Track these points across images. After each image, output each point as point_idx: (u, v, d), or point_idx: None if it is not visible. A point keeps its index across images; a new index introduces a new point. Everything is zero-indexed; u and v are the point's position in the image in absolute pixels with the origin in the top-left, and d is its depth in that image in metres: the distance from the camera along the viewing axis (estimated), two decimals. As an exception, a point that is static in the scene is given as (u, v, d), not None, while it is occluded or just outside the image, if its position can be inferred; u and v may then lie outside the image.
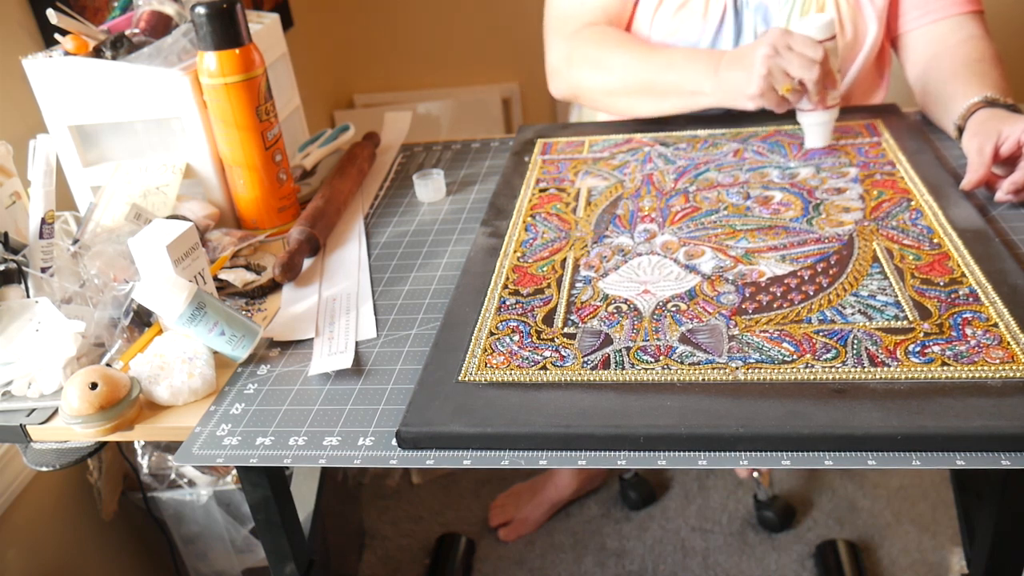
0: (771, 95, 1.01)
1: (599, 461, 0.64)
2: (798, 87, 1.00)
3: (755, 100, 1.02)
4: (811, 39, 0.98)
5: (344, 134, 1.22)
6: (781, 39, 0.98)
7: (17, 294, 0.84)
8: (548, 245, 0.91)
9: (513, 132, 1.65)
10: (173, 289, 0.75)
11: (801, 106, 1.03)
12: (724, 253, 0.86)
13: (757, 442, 0.62)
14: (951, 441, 0.60)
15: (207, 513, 1.30)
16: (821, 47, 0.98)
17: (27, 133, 0.97)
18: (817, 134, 1.05)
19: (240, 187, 1.02)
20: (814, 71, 0.97)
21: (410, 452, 0.67)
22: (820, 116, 1.03)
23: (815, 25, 0.99)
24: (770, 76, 0.99)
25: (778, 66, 0.98)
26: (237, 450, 0.69)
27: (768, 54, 0.98)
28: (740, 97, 1.04)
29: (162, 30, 1.04)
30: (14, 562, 1.16)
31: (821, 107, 1.02)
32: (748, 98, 1.02)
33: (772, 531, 1.59)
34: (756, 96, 1.01)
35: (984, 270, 0.77)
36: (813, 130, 1.05)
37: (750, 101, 1.03)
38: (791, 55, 0.98)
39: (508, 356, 0.74)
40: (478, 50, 2.36)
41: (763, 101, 1.02)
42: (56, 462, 0.79)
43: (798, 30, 0.99)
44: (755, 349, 0.71)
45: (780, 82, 0.99)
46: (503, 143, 1.25)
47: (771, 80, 0.99)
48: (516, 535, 1.63)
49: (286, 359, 0.81)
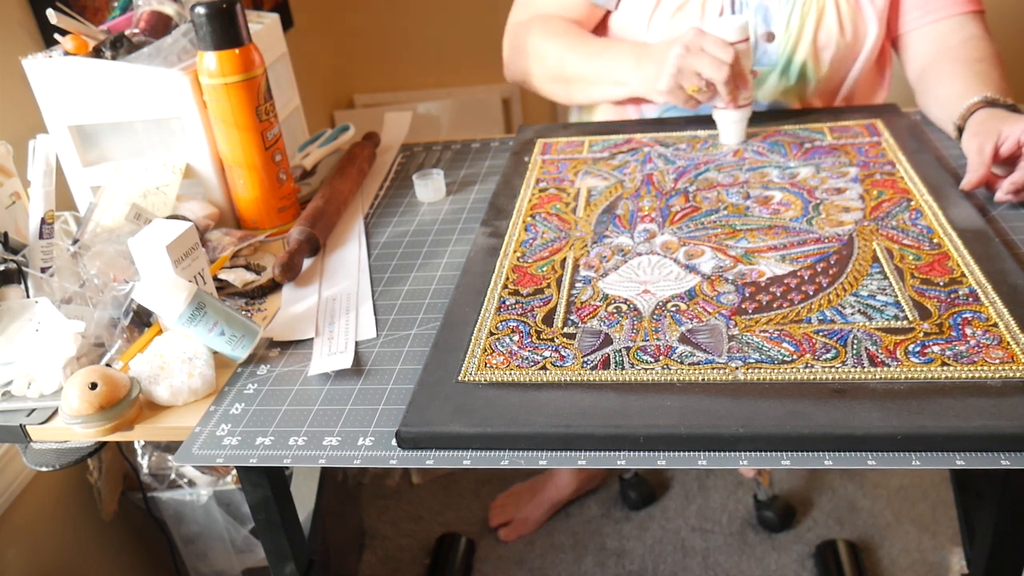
0: (679, 93, 1.04)
1: (599, 461, 0.64)
2: (706, 87, 1.02)
3: (664, 96, 1.06)
4: (723, 41, 1.00)
5: (344, 134, 1.22)
6: (694, 39, 1.01)
7: (17, 294, 0.84)
8: (548, 245, 0.91)
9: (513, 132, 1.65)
10: (173, 289, 0.75)
11: (715, 103, 1.07)
12: (724, 253, 0.86)
13: (757, 442, 0.62)
14: (951, 441, 0.60)
15: (207, 513, 1.30)
16: (732, 49, 1.00)
17: (27, 133, 0.97)
18: (730, 131, 1.09)
19: (240, 187, 1.02)
20: (722, 72, 1.00)
21: (410, 452, 0.67)
22: (732, 115, 1.07)
23: (730, 27, 1.01)
24: (679, 74, 1.02)
25: (688, 65, 1.01)
26: (237, 450, 0.69)
27: (680, 53, 1.01)
28: (652, 91, 1.08)
29: (162, 30, 1.04)
30: (14, 562, 1.16)
31: (732, 106, 1.05)
32: (658, 93, 1.06)
33: (772, 531, 1.59)
34: (664, 92, 1.05)
35: (984, 270, 0.77)
36: (726, 127, 1.09)
37: (660, 96, 1.07)
38: (702, 56, 1.00)
39: (508, 356, 0.74)
40: (478, 50, 2.36)
41: (671, 98, 1.05)
42: (56, 462, 0.79)
43: (713, 31, 1.01)
44: (755, 349, 0.71)
45: (688, 81, 1.02)
46: (503, 143, 1.25)
47: (680, 78, 1.02)
48: (516, 535, 1.63)
49: (286, 359, 0.81)
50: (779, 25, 1.12)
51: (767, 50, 1.13)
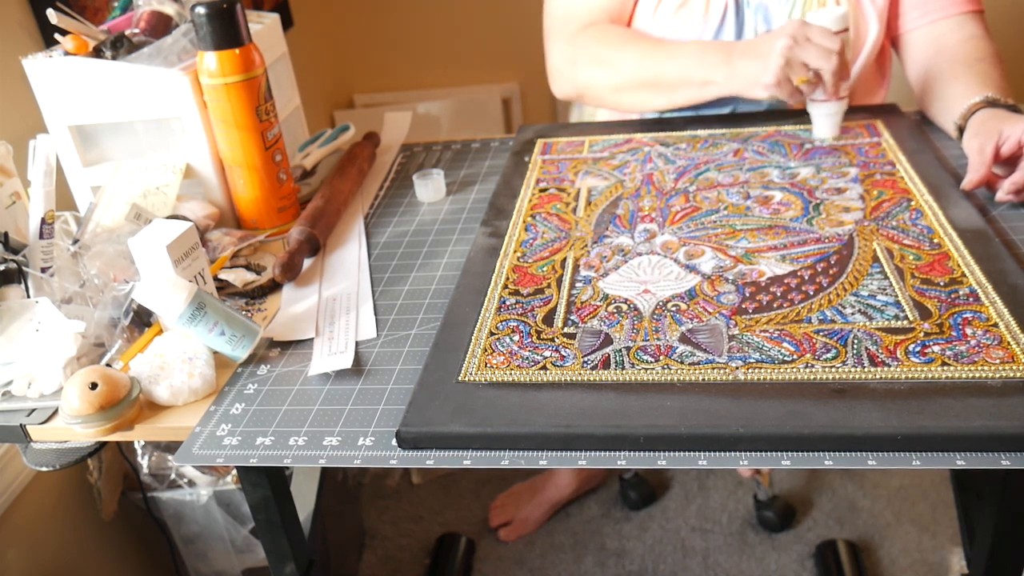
0: (786, 85, 1.01)
1: (599, 461, 0.64)
2: (813, 78, 1.01)
3: (770, 89, 1.03)
4: (829, 31, 0.99)
5: (344, 134, 1.22)
6: (800, 30, 0.99)
7: (17, 294, 0.84)
8: (548, 245, 0.91)
9: (513, 132, 1.65)
10: (173, 289, 0.75)
11: (813, 96, 1.05)
12: (724, 253, 0.86)
13: (757, 442, 0.62)
14: (951, 441, 0.60)
15: (207, 513, 1.30)
16: (839, 38, 0.99)
17: (27, 133, 0.97)
18: (827, 125, 1.07)
19: (240, 187, 1.02)
20: (832, 61, 0.98)
21: (410, 452, 0.67)
22: (832, 107, 1.05)
23: (831, 17, 1.00)
24: (787, 66, 1.00)
25: (796, 56, 0.99)
26: (237, 450, 0.69)
27: (788, 44, 0.99)
28: (755, 86, 1.04)
29: (162, 30, 1.04)
30: (14, 562, 1.16)
31: (834, 98, 1.04)
32: (763, 87, 1.03)
33: (772, 531, 1.59)
34: (771, 85, 1.02)
35: (984, 270, 0.77)
36: (824, 120, 1.07)
37: (765, 91, 1.03)
38: (810, 46, 0.99)
39: (508, 356, 0.74)
40: (478, 50, 2.36)
41: (777, 91, 1.02)
42: (56, 462, 0.79)
43: (814, 22, 1.00)
44: (755, 349, 0.71)
45: (797, 72, 1.00)
46: (503, 143, 1.25)
47: (788, 70, 1.00)
48: (516, 535, 1.63)
49: (286, 359, 0.81)
50: (779, 24, 1.12)
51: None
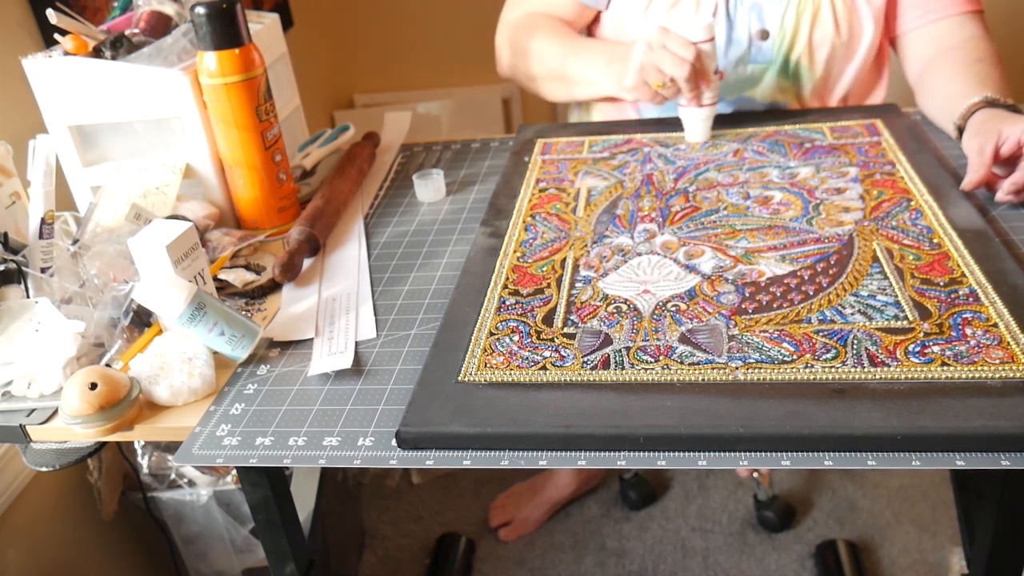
0: (644, 89, 1.06)
1: (599, 461, 0.64)
2: (670, 83, 1.03)
3: (631, 92, 1.07)
4: (685, 39, 1.02)
5: (344, 134, 1.22)
6: (657, 37, 1.02)
7: (17, 294, 0.84)
8: (548, 245, 0.91)
9: (513, 132, 1.65)
10: (173, 289, 0.75)
11: (680, 101, 1.08)
12: (724, 253, 0.86)
13: (757, 442, 0.62)
14: (951, 441, 0.60)
15: (207, 513, 1.30)
16: (693, 47, 1.01)
17: (27, 133, 0.97)
18: (694, 129, 1.10)
19: (240, 187, 1.02)
20: (684, 69, 1.01)
21: (410, 452, 0.67)
22: (696, 112, 1.08)
23: (696, 26, 1.02)
24: (643, 71, 1.04)
25: (651, 62, 1.03)
26: (237, 450, 0.69)
27: (643, 50, 1.03)
28: (620, 89, 1.09)
29: (162, 30, 1.04)
30: (14, 562, 1.16)
31: (695, 104, 1.07)
32: (626, 90, 1.08)
33: (772, 531, 1.59)
34: (631, 88, 1.06)
35: (984, 270, 0.77)
36: (690, 124, 1.10)
37: (628, 93, 1.09)
38: (664, 52, 1.02)
39: (508, 356, 0.74)
40: (478, 50, 2.36)
41: (637, 94, 1.07)
42: (56, 462, 0.79)
43: (679, 30, 1.03)
44: (755, 349, 0.71)
45: (652, 77, 1.03)
46: (503, 143, 1.25)
47: (644, 75, 1.04)
48: (516, 535, 1.63)
49: (286, 359, 0.81)
50: (773, 23, 1.12)
51: (761, 48, 1.13)
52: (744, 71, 1.16)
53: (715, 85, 1.06)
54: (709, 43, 1.03)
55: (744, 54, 1.14)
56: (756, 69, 1.15)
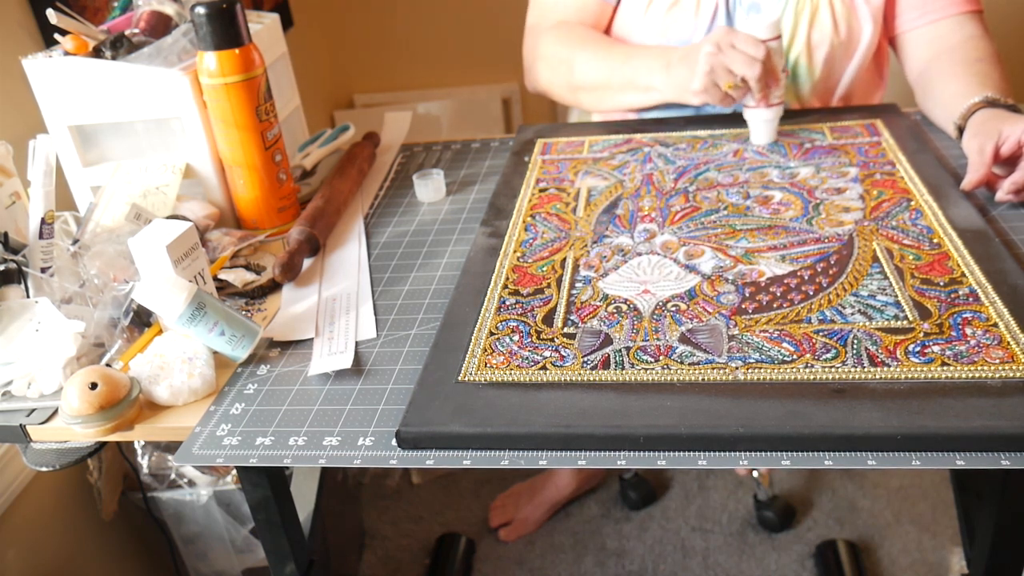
0: (714, 91, 1.03)
1: (599, 461, 0.64)
2: (740, 84, 1.02)
3: (699, 96, 1.05)
4: (754, 38, 1.00)
5: (344, 134, 1.22)
6: (725, 37, 1.01)
7: (17, 294, 0.84)
8: (548, 245, 0.91)
9: (513, 132, 1.65)
10: (173, 289, 0.75)
11: (746, 103, 1.06)
12: (724, 253, 0.86)
13: (757, 442, 0.62)
14: (951, 441, 0.60)
15: (207, 513, 1.30)
16: (763, 46, 1.00)
17: (27, 133, 0.97)
18: (761, 131, 1.08)
19: (240, 187, 1.02)
20: (755, 69, 1.00)
21: (410, 452, 0.67)
22: (763, 113, 1.06)
23: (760, 24, 1.01)
24: (713, 73, 1.02)
25: (721, 63, 1.01)
26: (237, 450, 0.69)
27: (711, 51, 1.01)
28: (686, 93, 1.07)
29: (162, 30, 1.04)
30: (14, 562, 1.16)
31: (764, 104, 1.05)
32: (693, 94, 1.05)
33: (772, 531, 1.59)
34: (699, 92, 1.04)
35: (984, 270, 0.77)
36: (757, 127, 1.08)
37: (695, 97, 1.06)
38: (734, 53, 1.00)
39: (508, 356, 0.74)
40: (478, 50, 2.36)
41: (707, 97, 1.04)
42: (56, 462, 0.79)
43: (744, 29, 1.02)
44: (755, 349, 0.71)
45: (722, 79, 1.02)
46: (503, 143, 1.25)
47: (714, 77, 1.02)
48: (516, 535, 1.63)
49: (286, 359, 0.81)
50: None
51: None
52: None
53: (782, 84, 1.04)
54: (776, 41, 1.02)
55: None
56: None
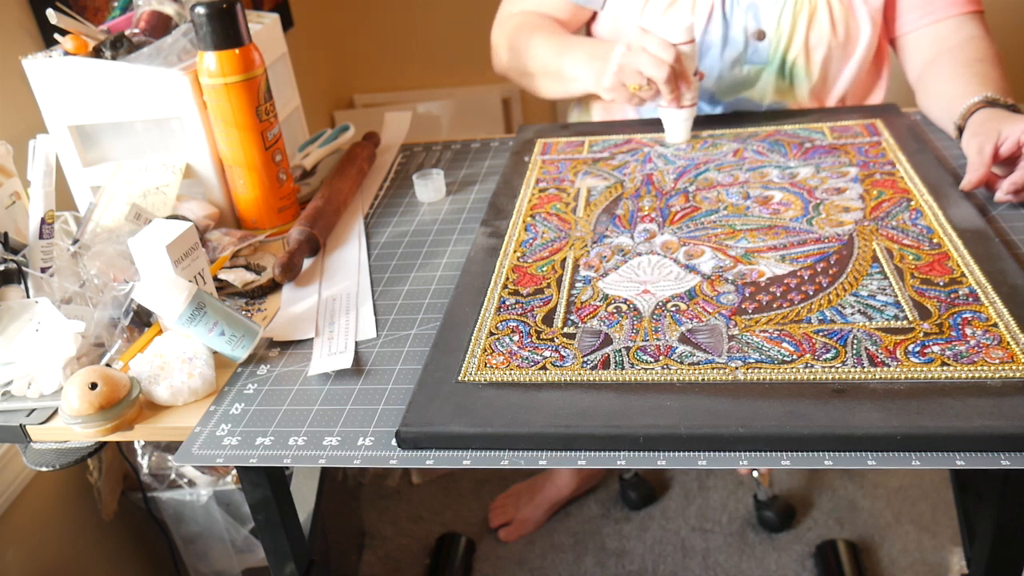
0: (621, 90, 1.06)
1: (599, 461, 0.64)
2: (648, 85, 1.03)
3: (608, 93, 1.07)
4: (664, 40, 1.01)
5: (344, 134, 1.22)
6: (637, 39, 1.02)
7: (17, 294, 0.84)
8: (548, 245, 0.91)
9: (513, 132, 1.65)
10: (173, 289, 0.75)
11: (660, 102, 1.08)
12: (724, 253, 0.86)
13: (757, 442, 0.62)
14: (951, 441, 0.60)
15: (207, 513, 1.30)
16: (673, 49, 1.01)
17: (27, 133, 0.97)
18: (675, 129, 1.10)
19: (240, 187, 1.02)
20: (662, 71, 1.01)
21: (410, 452, 0.67)
22: (676, 113, 1.08)
23: (676, 27, 1.02)
24: (621, 72, 1.04)
25: (629, 64, 1.03)
26: (237, 450, 0.69)
27: (622, 51, 1.03)
28: (598, 88, 1.09)
29: (162, 30, 1.04)
30: (14, 562, 1.16)
31: (675, 105, 1.06)
32: (604, 90, 1.08)
33: (772, 531, 1.59)
34: (608, 89, 1.07)
35: (984, 270, 0.77)
36: (670, 125, 1.10)
37: (606, 93, 1.08)
38: (643, 54, 1.01)
39: (508, 356, 0.74)
40: (478, 50, 2.35)
41: (615, 95, 1.07)
42: (56, 462, 0.79)
43: (658, 31, 1.02)
44: (755, 349, 0.71)
45: (630, 79, 1.03)
46: (503, 143, 1.25)
47: (622, 76, 1.04)
48: (517, 535, 1.63)
49: (286, 359, 0.81)
50: (769, 23, 1.12)
51: (757, 48, 1.13)
52: (740, 72, 1.16)
53: (695, 86, 1.06)
54: (689, 44, 1.03)
55: (740, 55, 1.14)
56: (752, 70, 1.15)
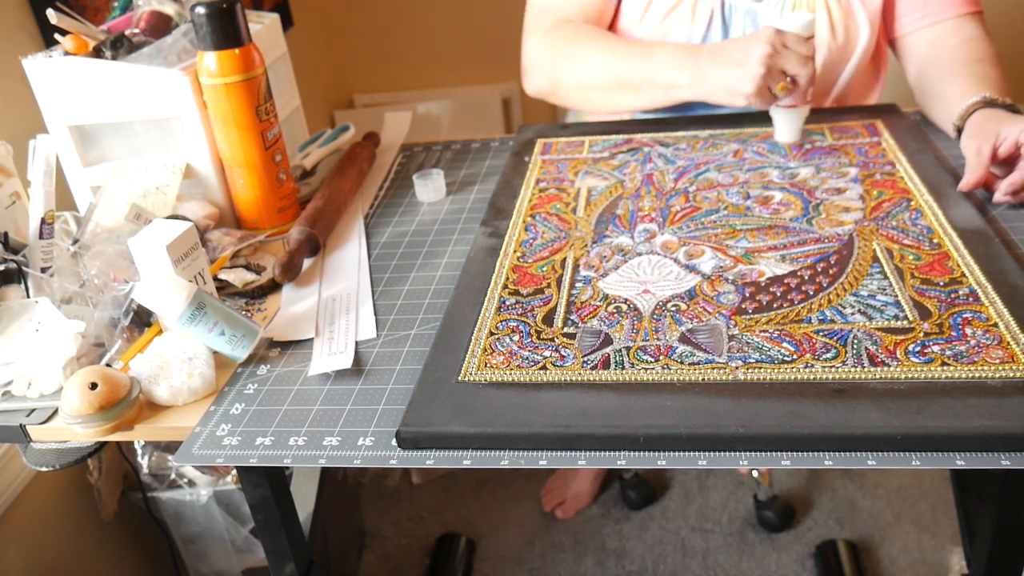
0: (766, 94, 1.00)
1: (599, 461, 0.64)
2: (790, 85, 1.00)
3: (749, 99, 1.01)
4: (802, 36, 0.99)
5: (344, 134, 1.22)
6: (777, 38, 0.99)
7: (17, 294, 0.84)
8: (548, 245, 0.91)
9: (513, 132, 1.65)
10: (173, 289, 0.75)
11: (781, 101, 1.04)
12: (724, 253, 0.86)
13: (757, 442, 0.62)
14: (951, 441, 0.60)
15: (207, 513, 1.30)
16: (812, 44, 0.99)
17: (27, 133, 0.97)
18: (793, 129, 1.07)
19: (240, 187, 1.02)
20: (809, 68, 0.98)
21: (410, 452, 0.67)
22: (800, 111, 1.05)
23: (799, 23, 1.00)
24: (768, 75, 0.99)
25: (776, 65, 0.98)
26: (237, 450, 0.69)
27: (768, 52, 0.98)
28: (733, 95, 1.03)
29: (162, 30, 1.04)
30: (14, 562, 1.16)
31: (802, 103, 1.04)
32: (743, 96, 1.01)
33: (772, 531, 1.59)
34: (751, 95, 1.00)
35: (984, 270, 0.77)
36: (790, 125, 1.07)
37: (744, 99, 1.02)
38: (788, 53, 0.98)
39: (508, 356, 0.74)
40: (478, 50, 2.36)
41: (757, 100, 1.01)
42: (56, 462, 0.79)
43: (784, 28, 1.00)
44: (755, 349, 0.71)
45: (776, 81, 1.00)
46: (503, 143, 1.25)
47: (768, 79, 0.99)
48: (574, 511, 1.68)
49: (286, 359, 0.81)
50: None
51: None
52: None
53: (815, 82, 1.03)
54: (812, 40, 1.01)
55: None
56: None
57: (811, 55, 0.99)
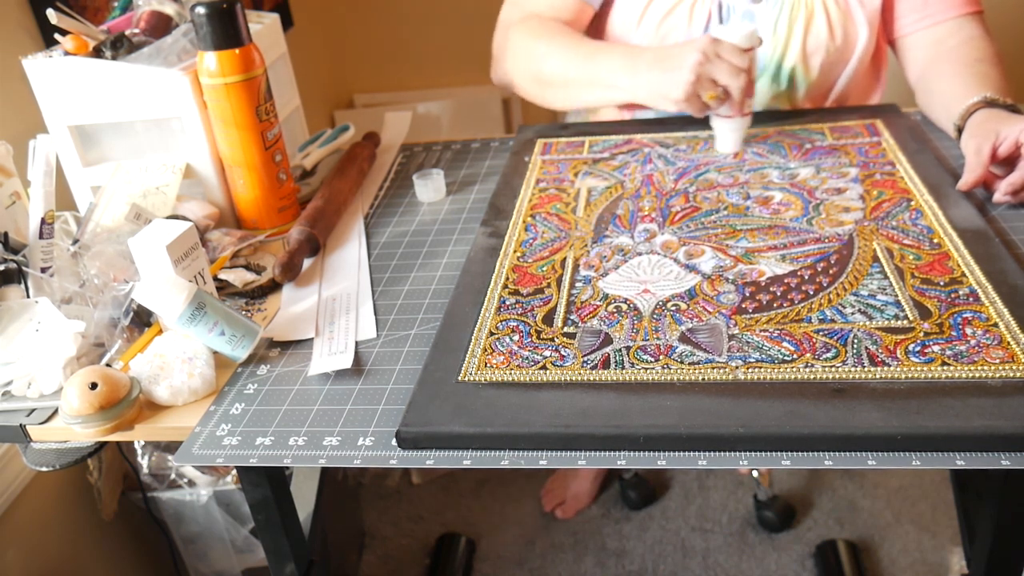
0: (695, 101, 1.02)
1: (599, 461, 0.64)
2: (722, 94, 1.01)
3: (678, 104, 1.03)
4: (738, 48, 1.00)
5: (344, 134, 1.22)
6: (711, 46, 0.99)
7: (17, 294, 0.84)
8: (548, 245, 0.91)
9: (513, 132, 1.65)
10: (173, 289, 0.75)
11: (719, 112, 1.05)
12: (724, 253, 0.86)
13: (757, 442, 0.62)
14: (951, 441, 0.60)
15: (207, 513, 1.30)
16: (747, 56, 0.99)
17: (27, 133, 0.97)
18: (731, 139, 1.07)
19: (240, 187, 1.02)
20: (740, 79, 0.99)
21: (410, 452, 0.67)
22: (736, 122, 1.05)
23: (740, 34, 1.00)
24: (698, 82, 1.00)
25: (707, 73, 0.99)
26: (237, 450, 0.69)
27: (699, 60, 0.99)
28: (663, 100, 1.05)
29: (162, 30, 1.04)
30: (14, 562, 1.16)
31: (738, 114, 1.04)
32: (673, 102, 1.03)
33: (772, 531, 1.59)
34: (681, 101, 1.02)
35: (984, 270, 0.77)
36: (728, 135, 1.07)
37: (674, 105, 1.04)
38: (720, 62, 0.99)
39: (508, 356, 0.74)
40: (478, 50, 2.35)
41: (686, 106, 1.03)
42: (56, 462, 0.79)
43: (723, 38, 1.00)
44: (755, 348, 0.71)
45: (706, 89, 1.00)
46: (503, 143, 1.25)
47: (698, 86, 1.00)
48: (574, 511, 1.68)
49: (286, 359, 0.81)
50: (766, 30, 1.12)
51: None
52: None
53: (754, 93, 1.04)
54: (753, 51, 1.01)
55: None
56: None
57: (746, 67, 0.99)
